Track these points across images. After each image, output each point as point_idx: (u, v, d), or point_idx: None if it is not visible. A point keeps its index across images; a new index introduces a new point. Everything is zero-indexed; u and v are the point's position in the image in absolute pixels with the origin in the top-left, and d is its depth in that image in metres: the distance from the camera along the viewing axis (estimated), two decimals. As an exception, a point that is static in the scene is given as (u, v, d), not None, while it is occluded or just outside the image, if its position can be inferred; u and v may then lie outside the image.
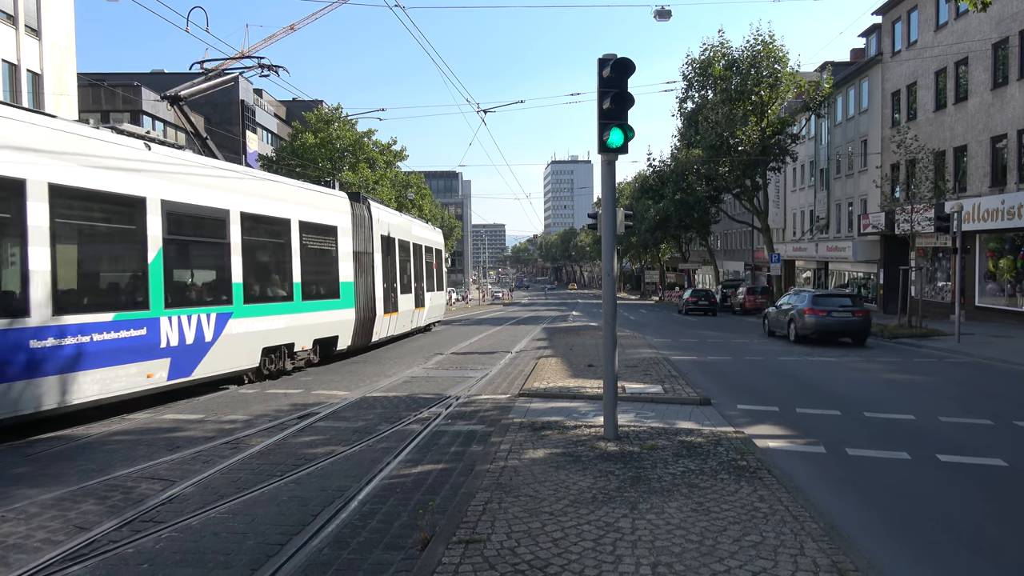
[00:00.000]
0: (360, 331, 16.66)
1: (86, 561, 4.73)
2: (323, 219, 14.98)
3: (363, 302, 16.77)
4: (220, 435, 8.48)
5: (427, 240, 25.12)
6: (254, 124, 67.27)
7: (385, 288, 18.58)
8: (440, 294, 27.82)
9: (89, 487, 6.37)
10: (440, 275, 27.69)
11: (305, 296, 14.08)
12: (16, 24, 32.90)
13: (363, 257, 16.95)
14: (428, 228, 27.00)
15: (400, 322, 20.51)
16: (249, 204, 12.48)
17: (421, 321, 23.83)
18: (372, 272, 17.55)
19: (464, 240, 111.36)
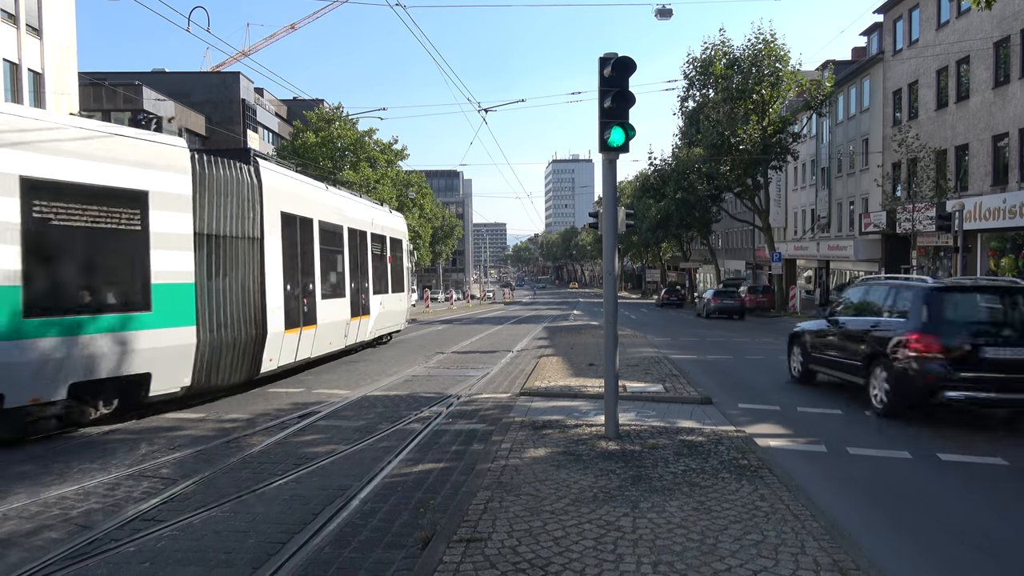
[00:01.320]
0: (220, 361, 10.62)
1: (88, 560, 4.74)
2: (105, 179, 8.93)
3: (227, 315, 10.73)
4: (221, 434, 8.49)
5: (377, 226, 18.90)
6: (255, 123, 67.28)
7: (288, 292, 12.46)
8: (398, 297, 21.07)
9: (91, 486, 6.38)
10: (399, 273, 21.43)
11: (40, 311, 8.16)
12: (17, 23, 32.92)
13: (229, 244, 10.83)
14: (379, 210, 20.24)
15: (323, 338, 14.44)
16: None
17: (365, 334, 17.56)
18: (255, 267, 11.36)
19: (465, 239, 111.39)
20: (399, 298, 21.15)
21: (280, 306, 12.13)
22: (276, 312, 11.97)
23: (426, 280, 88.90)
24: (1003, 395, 8.71)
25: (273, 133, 72.90)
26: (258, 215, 11.54)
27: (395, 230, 21.23)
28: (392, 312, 20.39)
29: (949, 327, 9.10)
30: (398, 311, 21.26)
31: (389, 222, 20.59)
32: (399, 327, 21.81)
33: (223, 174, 10.83)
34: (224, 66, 72.35)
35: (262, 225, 11.62)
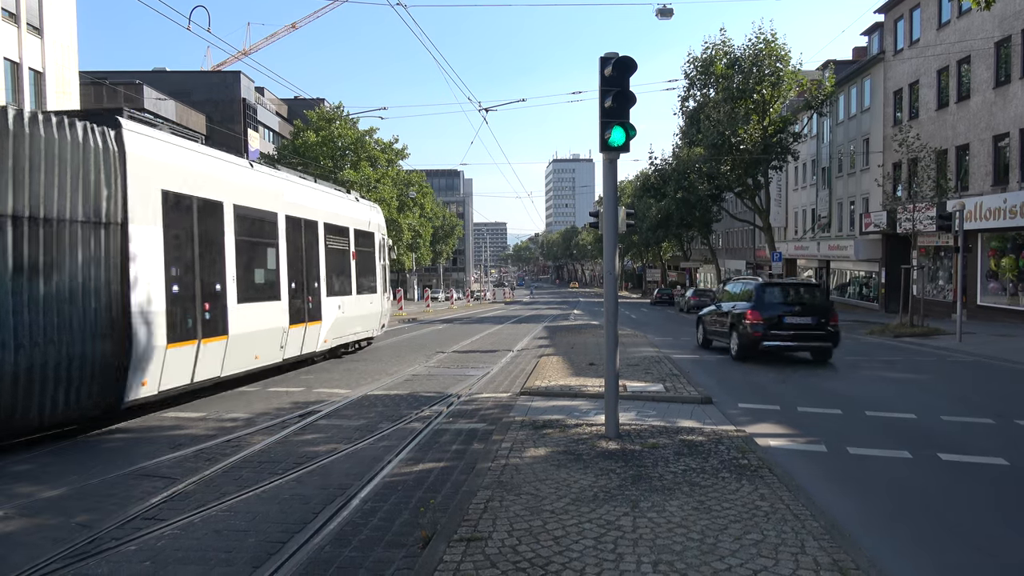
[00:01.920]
0: (37, 391, 7.94)
1: (88, 559, 4.74)
2: None
3: (53, 326, 8.09)
4: (221, 433, 8.49)
5: (336, 215, 16.08)
6: (256, 122, 67.31)
7: (175, 294, 9.84)
8: (368, 299, 18.02)
9: (91, 486, 6.38)
10: (369, 271, 18.20)
11: None
12: (18, 22, 32.92)
13: (64, 231, 8.28)
14: (342, 198, 16.96)
15: (241, 351, 11.67)
16: None
17: (315, 343, 14.75)
18: (112, 261, 8.83)
19: (466, 239, 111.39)
20: (370, 300, 17.96)
21: (158, 312, 9.41)
22: (150, 320, 9.24)
23: (426, 280, 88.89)
24: (795, 343, 15.60)
25: (274, 132, 72.94)
26: (118, 193, 8.90)
27: (363, 221, 17.73)
28: (359, 317, 17.30)
29: (767, 306, 15.68)
30: (368, 315, 17.97)
31: (355, 212, 17.26)
32: (370, 333, 18.58)
33: (57, 137, 8.21)
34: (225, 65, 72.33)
35: (125, 206, 8.96)
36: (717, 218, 55.22)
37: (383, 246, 19.62)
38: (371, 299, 18.32)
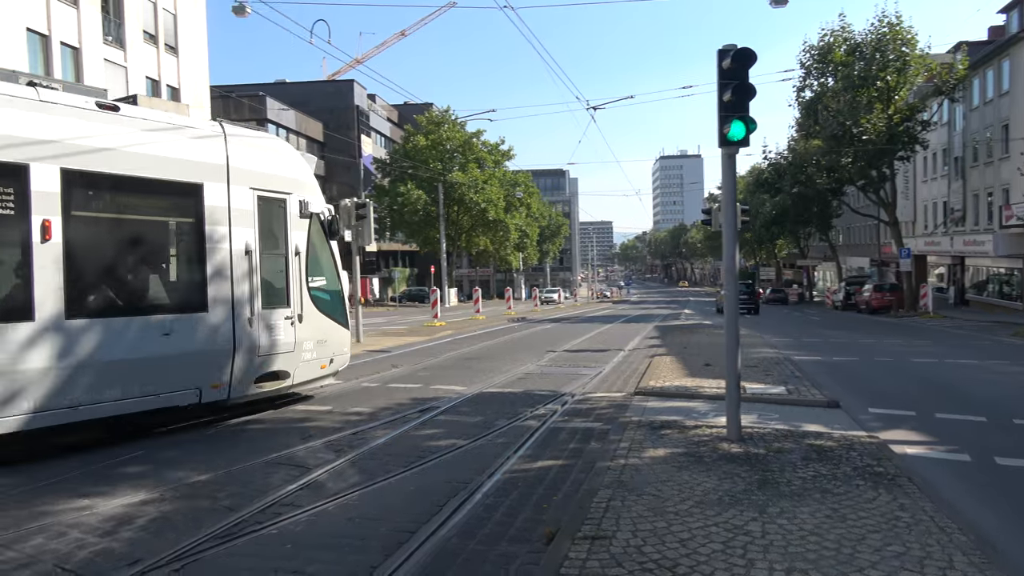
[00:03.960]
0: None
1: (235, 540, 5.09)
2: None
3: None
4: (347, 426, 8.88)
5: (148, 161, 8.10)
6: (368, 128, 69.83)
7: None
8: (277, 316, 9.48)
9: (234, 471, 6.83)
10: (275, 267, 9.62)
11: None
12: (157, 43, 35.58)
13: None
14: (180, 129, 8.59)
15: None
16: None
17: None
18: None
19: (572, 238, 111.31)
20: (279, 317, 9.46)
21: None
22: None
23: (533, 279, 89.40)
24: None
25: (385, 137, 75.46)
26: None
27: (258, 174, 9.30)
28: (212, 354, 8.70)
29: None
30: (276, 345, 9.43)
31: (244, 157, 9.12)
32: (309, 376, 10.14)
33: None
34: (339, 75, 75.43)
35: None
36: (837, 213, 52.53)
37: (311, 221, 10.03)
38: (281, 315, 9.51)
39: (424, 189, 56.14)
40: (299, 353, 9.80)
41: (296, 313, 9.74)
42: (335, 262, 10.73)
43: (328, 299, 10.50)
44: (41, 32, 28.02)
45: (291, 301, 9.70)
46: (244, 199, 9.15)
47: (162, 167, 8.25)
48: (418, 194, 55.84)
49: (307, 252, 10.03)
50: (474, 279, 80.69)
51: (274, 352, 9.45)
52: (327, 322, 10.37)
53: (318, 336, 10.13)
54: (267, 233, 9.57)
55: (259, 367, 9.27)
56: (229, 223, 8.95)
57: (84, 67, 29.95)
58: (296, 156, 10.38)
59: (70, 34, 29.36)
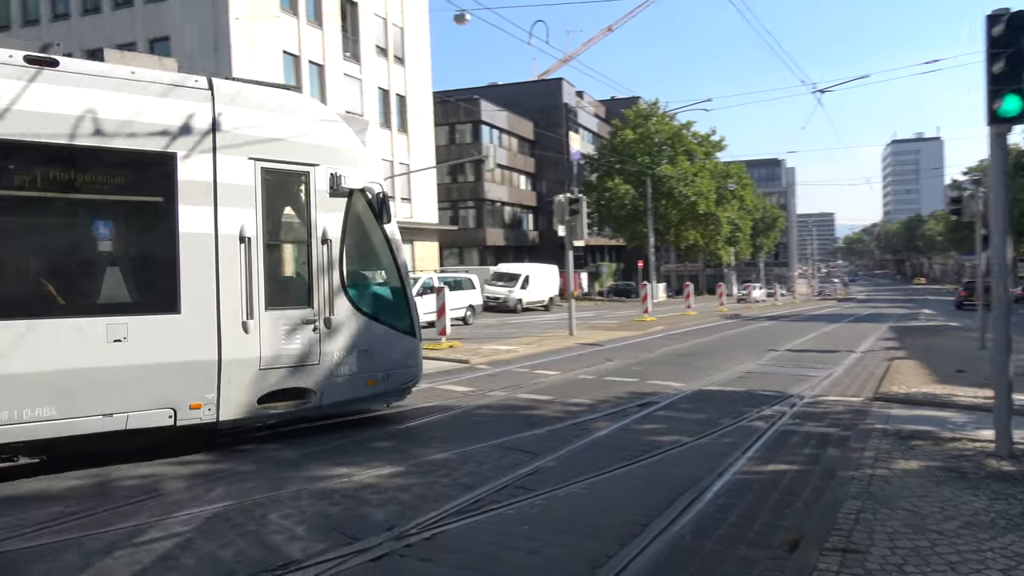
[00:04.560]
0: None
1: (476, 515, 5.38)
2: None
3: None
4: (568, 416, 9.06)
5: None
6: (576, 125, 70.73)
7: None
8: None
9: (468, 452, 7.24)
10: (295, 265, 8.29)
11: None
12: (387, 56, 38.62)
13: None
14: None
15: None
16: None
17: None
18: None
19: (788, 231, 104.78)
20: (295, 320, 7.49)
21: None
22: None
23: (745, 275, 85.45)
24: None
25: (593, 133, 75.97)
26: None
27: (263, 141, 7.34)
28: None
29: None
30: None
31: (240, 119, 7.22)
32: (346, 395, 8.02)
33: None
34: (548, 74, 77.07)
35: None
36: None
37: (350, 200, 7.93)
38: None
39: (632, 183, 55.77)
40: (327, 366, 7.62)
41: (322, 316, 7.57)
42: (392, 251, 8.36)
43: (378, 298, 8.45)
44: (293, 53, 31.65)
45: (314, 300, 7.56)
46: (239, 172, 7.15)
47: (114, 134, 6.57)
48: (626, 188, 55.61)
49: (342, 239, 7.81)
50: (682, 274, 78.73)
51: (286, 365, 7.34)
52: (375, 327, 8.10)
53: (360, 345, 7.88)
54: (277, 215, 7.84)
55: (264, 383, 7.20)
56: (215, 203, 6.99)
57: (327, 82, 33.37)
58: (327, 116, 8.07)
59: (315, 53, 32.85)
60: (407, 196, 38.85)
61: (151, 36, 30.08)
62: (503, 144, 62.03)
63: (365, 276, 8.55)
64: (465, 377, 12.51)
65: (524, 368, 13.62)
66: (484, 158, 37.00)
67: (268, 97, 7.61)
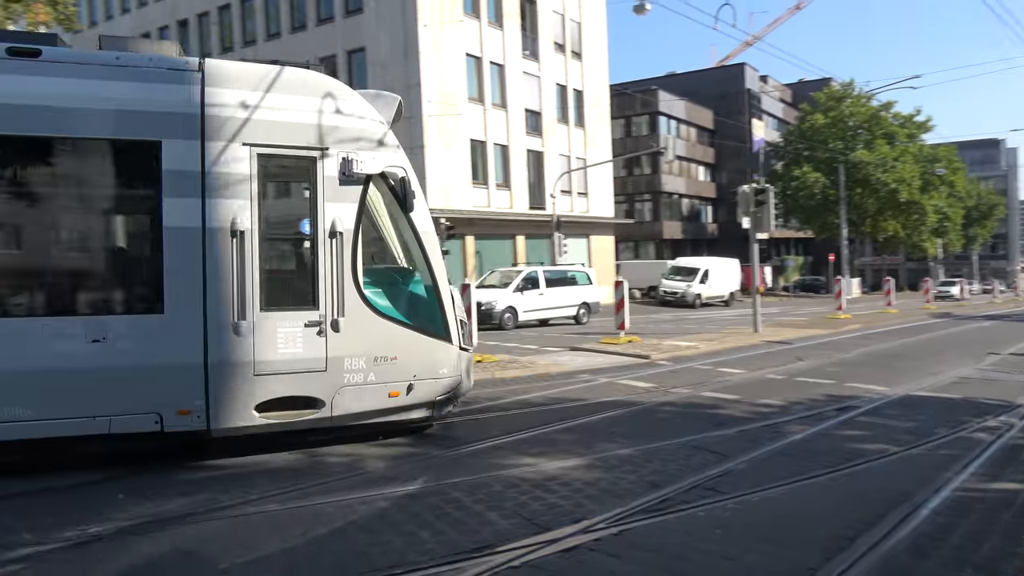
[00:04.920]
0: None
1: (663, 515, 5.27)
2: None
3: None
4: (758, 417, 8.63)
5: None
6: (759, 111, 67.37)
7: None
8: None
9: (653, 449, 7.11)
10: (298, 261, 7.33)
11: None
12: (564, 52, 38.91)
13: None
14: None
15: None
16: None
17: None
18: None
19: (1009, 220, 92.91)
20: (296, 322, 6.82)
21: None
22: None
23: (955, 269, 77.05)
24: None
25: (777, 119, 72.03)
26: None
27: (262, 124, 6.71)
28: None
29: None
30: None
31: (235, 101, 6.68)
32: (364, 406, 7.11)
33: None
34: (729, 59, 74.01)
35: None
36: None
37: (365, 187, 7.10)
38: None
39: (822, 171, 52.18)
40: (337, 374, 6.83)
41: (329, 318, 6.77)
42: (420, 244, 7.36)
43: (401, 298, 7.54)
44: (475, 55, 32.79)
45: (320, 300, 6.79)
46: (232, 160, 6.59)
47: (96, 123, 6.34)
48: (815, 177, 52.13)
49: (356, 231, 6.96)
50: (879, 268, 72.52)
51: (286, 371, 6.67)
52: (396, 331, 7.17)
53: (376, 351, 6.98)
54: (279, 206, 7.43)
55: (261, 391, 6.60)
56: (203, 194, 6.48)
57: (507, 81, 34.25)
58: (340, 94, 7.10)
59: (496, 53, 33.81)
60: (583, 191, 38.96)
61: (349, 48, 32.48)
62: (681, 134, 60.46)
63: (385, 273, 7.78)
64: (645, 373, 12.32)
65: (707, 365, 13.18)
66: (662, 150, 36.31)
67: (268, 77, 6.87)
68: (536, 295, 22.43)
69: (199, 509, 5.47)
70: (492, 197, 33.43)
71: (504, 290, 22.38)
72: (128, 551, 4.76)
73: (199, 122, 6.52)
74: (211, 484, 6.11)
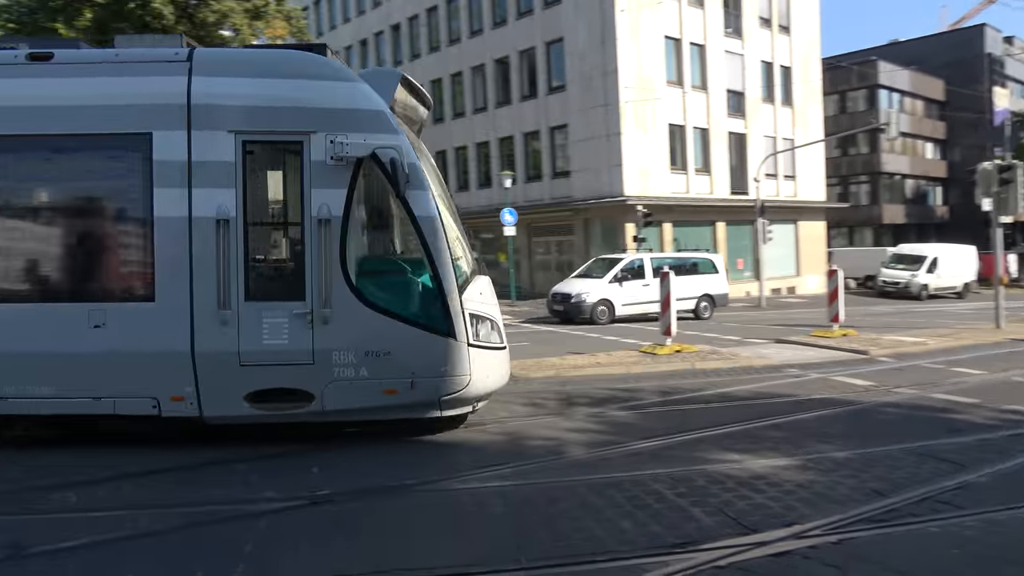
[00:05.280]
0: None
1: (889, 527, 4.82)
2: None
3: None
4: (1004, 425, 7.59)
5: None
6: (1003, 78, 59.05)
7: None
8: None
9: (873, 454, 6.51)
10: (284, 250, 7.53)
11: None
12: (771, 27, 36.66)
13: None
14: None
15: None
16: None
17: None
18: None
19: None
20: (283, 313, 6.79)
21: None
22: None
23: None
24: None
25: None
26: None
27: (246, 111, 6.75)
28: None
29: None
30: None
31: (220, 90, 6.76)
32: (354, 403, 6.86)
33: None
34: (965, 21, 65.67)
35: None
36: None
37: (357, 169, 6.73)
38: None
39: (1085, 142, 44.72)
40: (326, 367, 6.59)
41: (317, 309, 6.56)
42: (419, 231, 6.77)
43: (396, 289, 7.09)
44: (674, 37, 31.87)
45: (308, 291, 6.60)
46: (217, 148, 6.60)
47: (96, 118, 6.63)
48: (1076, 149, 44.82)
49: (346, 218, 6.64)
50: None
51: (272, 363, 6.57)
52: (390, 325, 6.72)
53: (368, 345, 6.63)
54: (265, 193, 7.37)
55: (249, 381, 6.59)
56: (189, 184, 6.58)
57: (708, 61, 32.95)
58: (329, 75, 6.82)
59: (696, 34, 32.61)
60: (791, 173, 36.53)
61: (548, 39, 32.93)
62: (905, 108, 54.62)
63: (379, 262, 7.48)
64: (864, 370, 11.30)
65: (937, 364, 11.81)
66: (883, 127, 32.81)
67: (254, 62, 7.11)
68: (639, 286, 20.04)
69: (409, 481, 5.88)
70: (691, 182, 32.38)
71: (599, 281, 20.29)
72: (352, 513, 5.25)
73: (186, 112, 6.60)
74: (412, 459, 6.58)
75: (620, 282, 20.01)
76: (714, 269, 22.45)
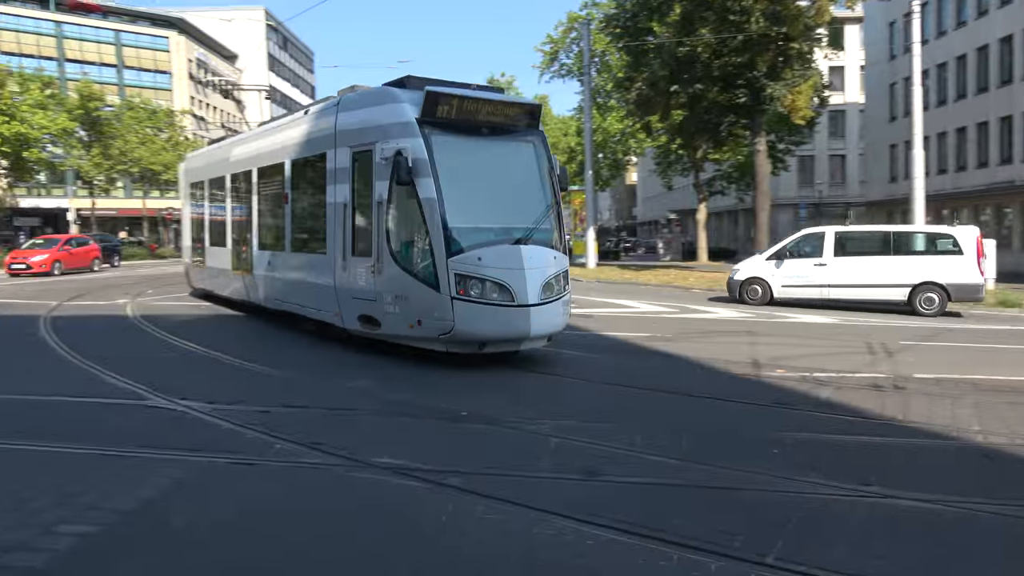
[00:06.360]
0: None
1: None
2: None
3: None
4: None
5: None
6: None
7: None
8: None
9: None
10: (366, 223, 10.37)
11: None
12: None
13: None
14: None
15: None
16: None
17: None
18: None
19: None
20: (364, 265, 10.34)
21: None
22: None
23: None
24: None
25: None
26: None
27: (353, 132, 10.43)
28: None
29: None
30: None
31: (346, 122, 10.67)
32: (398, 331, 9.92)
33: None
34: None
35: None
36: None
37: (394, 167, 9.20)
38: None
39: None
40: (381, 303, 9.50)
41: (376, 264, 9.52)
42: (421, 210, 8.96)
43: (408, 252, 9.36)
44: None
45: (373, 252, 9.57)
46: (344, 159, 10.19)
47: (304, 149, 11.65)
48: None
49: (389, 201, 9.36)
50: None
51: (363, 298, 9.78)
52: (408, 278, 9.20)
53: (396, 291, 9.30)
54: (360, 186, 10.08)
55: (357, 307, 9.90)
56: (335, 181, 10.37)
57: None
58: (385, 99, 9.61)
59: None
60: None
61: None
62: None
63: (400, 231, 9.44)
64: None
65: None
66: None
67: (360, 99, 10.29)
68: (809, 265, 16.56)
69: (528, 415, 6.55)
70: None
71: (757, 258, 17.95)
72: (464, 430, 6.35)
73: (333, 138, 10.49)
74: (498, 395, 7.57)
75: (779, 259, 17.03)
76: (955, 249, 15.80)
